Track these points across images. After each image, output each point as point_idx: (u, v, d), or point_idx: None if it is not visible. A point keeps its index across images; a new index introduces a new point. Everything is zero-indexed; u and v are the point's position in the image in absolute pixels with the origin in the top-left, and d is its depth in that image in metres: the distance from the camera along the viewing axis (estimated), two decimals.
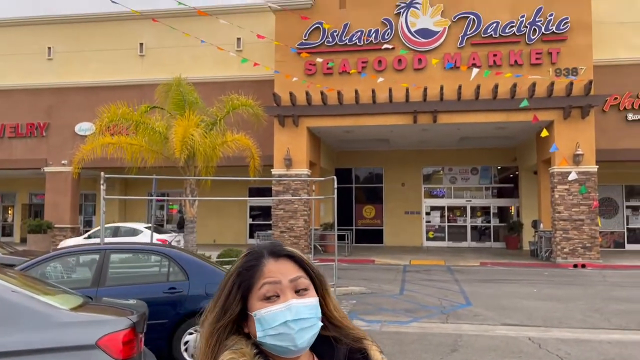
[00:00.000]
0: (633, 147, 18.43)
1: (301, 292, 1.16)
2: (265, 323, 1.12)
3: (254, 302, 1.15)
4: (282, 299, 1.14)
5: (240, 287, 1.16)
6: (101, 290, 5.91)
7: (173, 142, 11.05)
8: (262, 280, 1.15)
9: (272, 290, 1.14)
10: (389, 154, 24.71)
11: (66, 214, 22.17)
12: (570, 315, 9.32)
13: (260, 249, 1.21)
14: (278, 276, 1.15)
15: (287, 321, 1.11)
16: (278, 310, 1.12)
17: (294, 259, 1.19)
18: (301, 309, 1.13)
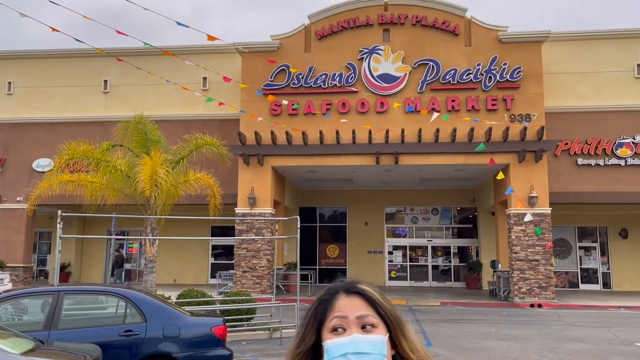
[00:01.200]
0: (583, 190, 19.25)
1: (368, 328, 1.22)
2: (330, 353, 1.20)
3: (325, 333, 1.24)
4: (347, 332, 1.21)
5: (315, 318, 1.26)
6: (53, 333, 5.74)
7: (139, 181, 10.95)
8: (332, 314, 1.24)
9: (339, 323, 1.22)
10: (353, 193, 25.02)
11: (19, 253, 21.33)
12: (527, 356, 9.51)
13: (337, 286, 1.30)
14: (346, 311, 1.23)
15: (347, 353, 1.18)
16: (340, 342, 1.20)
17: (365, 297, 1.26)
18: (362, 344, 1.19)
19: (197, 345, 6.41)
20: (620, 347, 10.34)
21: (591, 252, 23.88)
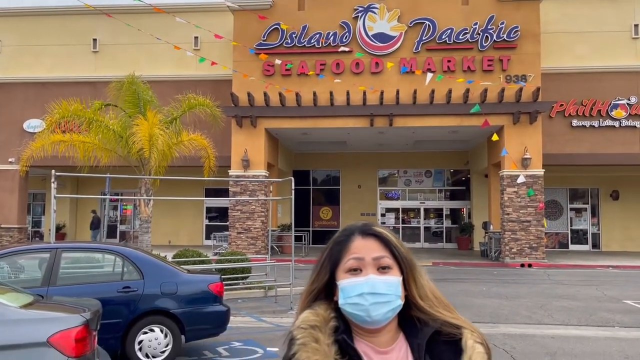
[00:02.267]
0: (577, 152, 19.34)
1: (383, 269, 1.25)
2: (345, 292, 1.23)
3: (341, 273, 1.26)
4: (364, 273, 1.24)
5: (330, 259, 1.29)
6: (52, 289, 5.78)
7: (137, 142, 10.84)
8: (348, 255, 1.26)
9: (355, 264, 1.25)
10: (346, 156, 25.00)
11: (13, 214, 21.30)
12: (517, 312, 9.72)
13: (352, 227, 1.32)
14: (362, 253, 1.25)
15: (363, 293, 1.21)
16: (357, 282, 1.22)
17: (381, 238, 1.28)
18: (378, 284, 1.22)
19: (194, 302, 6.48)
20: (607, 304, 10.59)
21: (582, 213, 24.19)
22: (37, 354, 3.41)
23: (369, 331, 1.25)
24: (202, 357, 6.73)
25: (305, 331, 1.21)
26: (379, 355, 1.24)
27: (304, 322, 1.23)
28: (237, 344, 7.28)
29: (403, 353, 1.25)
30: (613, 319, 9.17)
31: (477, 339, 1.25)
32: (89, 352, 3.69)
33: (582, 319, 9.17)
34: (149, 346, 6.09)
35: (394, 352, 1.25)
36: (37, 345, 3.43)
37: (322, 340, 1.20)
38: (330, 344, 1.20)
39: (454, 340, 1.24)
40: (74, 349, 3.52)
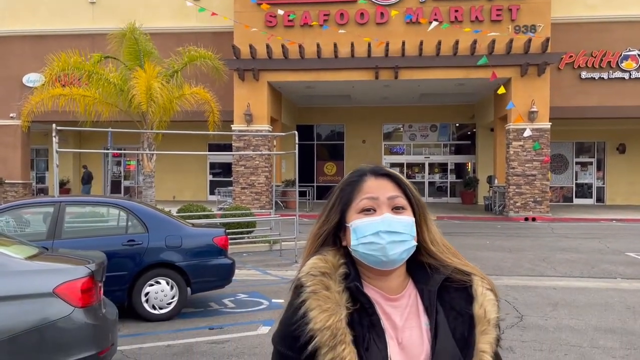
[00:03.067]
0: (585, 105, 19.04)
1: (398, 209, 1.20)
2: (359, 232, 1.18)
3: (352, 215, 1.21)
4: (378, 212, 1.19)
5: (341, 200, 1.23)
6: (57, 242, 5.80)
7: (134, 95, 10.65)
8: (361, 195, 1.21)
9: (369, 204, 1.20)
10: (351, 110, 24.71)
11: (17, 170, 21.35)
12: (520, 265, 9.78)
13: (364, 168, 1.27)
14: (376, 192, 1.20)
15: (380, 231, 1.16)
16: (372, 221, 1.18)
17: (394, 179, 1.24)
18: (394, 223, 1.17)
19: (199, 255, 6.51)
20: (610, 256, 10.64)
21: (587, 167, 24.07)
22: (44, 304, 3.43)
23: (380, 274, 1.21)
24: (209, 308, 6.82)
25: (315, 278, 1.16)
26: (388, 302, 1.20)
27: (313, 269, 1.18)
28: (243, 295, 7.38)
29: (412, 300, 1.22)
30: (615, 270, 9.22)
31: (486, 285, 1.23)
32: (95, 302, 3.70)
33: (584, 271, 9.23)
34: (155, 298, 6.16)
35: (404, 299, 1.21)
36: (43, 295, 3.44)
37: (332, 287, 1.15)
38: (341, 291, 1.16)
39: (464, 287, 1.22)
40: (80, 299, 3.53)
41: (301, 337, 1.11)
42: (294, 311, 1.15)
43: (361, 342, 1.11)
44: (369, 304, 1.16)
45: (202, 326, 5.98)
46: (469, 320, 1.19)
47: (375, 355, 1.12)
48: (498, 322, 1.21)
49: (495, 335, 1.19)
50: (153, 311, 6.15)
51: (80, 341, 3.50)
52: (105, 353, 3.69)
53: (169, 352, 5.04)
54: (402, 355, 1.15)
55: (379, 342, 1.13)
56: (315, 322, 1.11)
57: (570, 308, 6.70)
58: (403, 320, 1.19)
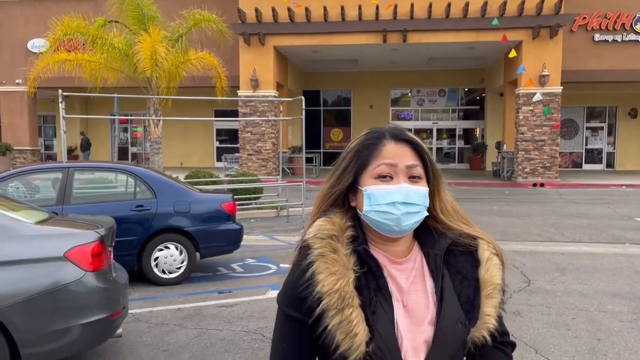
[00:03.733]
0: (597, 68, 18.67)
1: (414, 179, 1.17)
2: (374, 199, 1.15)
3: (367, 179, 1.17)
4: (395, 181, 1.16)
5: (357, 162, 1.19)
6: (67, 208, 5.83)
7: (140, 60, 10.52)
8: (379, 160, 1.17)
9: (387, 170, 1.16)
10: (358, 75, 24.39)
11: (24, 136, 21.41)
12: (528, 230, 9.77)
13: (383, 130, 1.21)
14: (396, 159, 1.16)
15: (396, 202, 1.13)
16: (389, 190, 1.14)
17: (414, 146, 1.19)
18: (412, 194, 1.14)
19: (207, 220, 6.53)
20: (619, 222, 10.60)
21: (598, 132, 23.79)
22: (55, 268, 3.45)
23: (387, 240, 1.19)
24: (217, 273, 6.89)
25: (323, 241, 1.14)
26: (394, 265, 1.19)
27: (321, 231, 1.16)
28: (251, 260, 7.44)
29: (418, 263, 1.21)
30: (624, 236, 9.19)
31: (492, 250, 1.23)
32: (106, 266, 3.73)
33: (593, 236, 9.20)
34: (164, 263, 6.22)
35: (409, 263, 1.21)
36: (54, 259, 3.46)
37: (340, 250, 1.14)
38: (349, 254, 1.14)
39: (470, 251, 1.22)
40: (91, 263, 3.56)
41: (308, 299, 1.11)
42: (300, 273, 1.14)
43: (368, 305, 1.11)
44: (377, 267, 1.15)
45: (211, 290, 6.05)
46: (474, 284, 1.19)
47: (382, 318, 1.12)
48: (503, 287, 1.21)
49: (499, 299, 1.20)
50: (163, 275, 6.22)
51: (92, 304, 3.54)
52: (116, 316, 3.74)
53: (179, 315, 5.11)
54: (408, 318, 1.15)
55: (385, 305, 1.13)
56: (323, 284, 1.10)
57: (578, 273, 6.70)
58: (409, 283, 1.18)
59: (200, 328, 4.75)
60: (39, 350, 3.34)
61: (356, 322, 1.08)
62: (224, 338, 4.49)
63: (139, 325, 4.84)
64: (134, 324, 4.84)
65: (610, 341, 4.42)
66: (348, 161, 1.21)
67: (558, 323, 4.85)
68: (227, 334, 4.58)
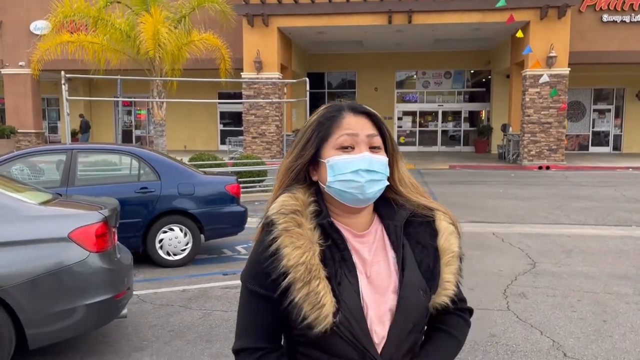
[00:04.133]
0: (605, 50, 18.41)
1: (375, 149, 1.20)
2: (337, 169, 1.17)
3: (329, 150, 1.19)
4: (357, 150, 1.18)
5: (318, 134, 1.21)
6: (71, 189, 5.82)
7: (142, 41, 10.43)
8: (340, 130, 1.19)
9: (349, 141, 1.18)
10: (363, 57, 24.16)
11: (29, 119, 21.39)
12: (533, 213, 9.72)
13: (342, 104, 1.24)
14: (356, 129, 1.19)
15: (359, 170, 1.16)
16: (352, 158, 1.17)
17: (372, 117, 1.22)
18: (374, 162, 1.18)
19: (212, 202, 6.51)
20: (625, 205, 10.53)
21: (605, 114, 23.55)
22: (59, 249, 3.44)
23: (349, 212, 1.22)
24: (222, 254, 6.90)
25: (287, 216, 1.16)
26: (356, 238, 1.22)
27: (284, 207, 1.17)
28: None
29: (379, 235, 1.25)
30: (631, 218, 9.13)
31: (449, 220, 1.28)
32: (110, 247, 3.72)
33: (599, 218, 9.15)
34: (169, 244, 6.23)
35: (370, 235, 1.24)
36: (58, 240, 3.45)
37: (304, 224, 1.16)
38: (313, 228, 1.17)
39: (428, 222, 1.27)
40: (95, 244, 3.55)
41: (273, 274, 1.13)
42: (264, 248, 1.15)
43: (334, 277, 1.14)
44: (341, 239, 1.18)
45: (216, 272, 6.06)
46: (433, 253, 1.24)
47: (347, 289, 1.14)
48: (461, 255, 1.27)
49: (457, 266, 1.25)
50: (167, 257, 6.23)
51: (96, 285, 3.53)
52: (121, 296, 3.74)
53: (184, 297, 5.12)
54: (371, 288, 1.18)
55: (350, 277, 1.16)
56: (289, 258, 1.11)
57: (584, 255, 6.67)
58: (371, 255, 1.21)
59: (205, 309, 4.76)
60: (44, 330, 3.34)
61: (323, 293, 1.10)
62: (228, 319, 4.50)
63: (144, 306, 4.85)
64: (139, 305, 4.85)
65: (616, 322, 4.40)
66: (309, 134, 1.22)
67: (563, 305, 4.84)
68: (232, 315, 4.59)
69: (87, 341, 4.05)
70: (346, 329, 1.12)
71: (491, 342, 3.99)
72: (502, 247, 7.14)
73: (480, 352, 3.82)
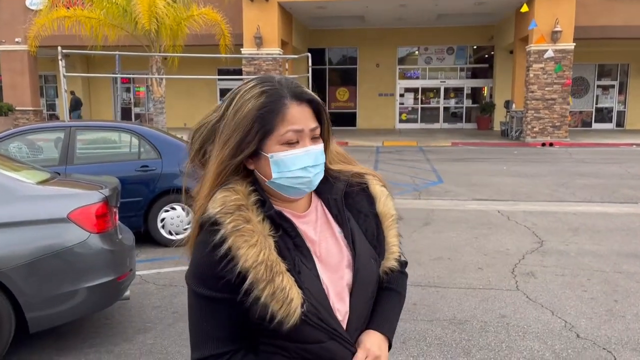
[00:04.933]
0: (610, 24, 18.09)
1: (315, 139, 1.16)
2: (283, 166, 1.12)
3: (272, 145, 1.12)
4: (301, 144, 1.13)
5: (260, 129, 1.11)
6: (70, 168, 5.71)
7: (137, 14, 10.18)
8: (285, 126, 1.11)
9: (294, 137, 1.12)
10: (364, 32, 23.77)
11: (26, 96, 21.14)
12: (538, 190, 9.62)
13: (281, 89, 1.13)
14: (301, 124, 1.12)
15: (307, 166, 1.13)
16: (299, 154, 1.12)
17: (314, 104, 1.16)
18: (318, 155, 1.15)
19: None
20: (630, 181, 10.44)
21: (609, 90, 23.29)
22: (58, 230, 3.34)
23: (291, 200, 1.18)
24: None
25: (233, 214, 1.08)
26: (299, 219, 1.18)
27: (226, 204, 1.09)
28: None
29: (320, 212, 1.22)
30: (636, 195, 9.04)
31: (379, 182, 1.29)
32: (111, 228, 3.62)
33: (604, 196, 9.06)
34: (171, 224, 6.14)
35: (312, 214, 1.21)
36: (57, 221, 3.35)
37: (253, 219, 1.10)
38: (262, 220, 1.11)
39: (363, 189, 1.26)
40: (95, 225, 3.45)
41: (227, 277, 1.07)
42: (212, 249, 1.08)
43: (293, 268, 1.11)
44: (291, 227, 1.15)
45: None
46: (375, 219, 1.25)
47: (308, 276, 1.12)
48: (398, 216, 1.28)
49: (397, 228, 1.27)
50: (170, 237, 6.14)
51: (98, 267, 3.44)
52: (124, 278, 3.65)
53: None
54: (324, 267, 1.16)
55: (307, 263, 1.13)
56: (245, 259, 1.06)
57: (591, 233, 6.59)
58: (317, 233, 1.19)
59: None
60: (44, 313, 3.26)
61: (289, 287, 1.07)
62: None
63: (146, 286, 4.78)
64: (142, 286, 4.78)
65: (628, 302, 4.33)
66: (248, 127, 1.11)
67: (573, 284, 4.76)
68: None
69: (89, 323, 3.98)
70: (314, 315, 1.09)
71: (502, 323, 3.92)
72: (508, 225, 7.05)
73: (491, 334, 3.75)
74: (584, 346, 3.56)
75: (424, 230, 6.82)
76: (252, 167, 1.16)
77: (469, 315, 4.06)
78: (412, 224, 7.06)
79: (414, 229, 6.81)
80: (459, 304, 4.29)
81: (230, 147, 1.11)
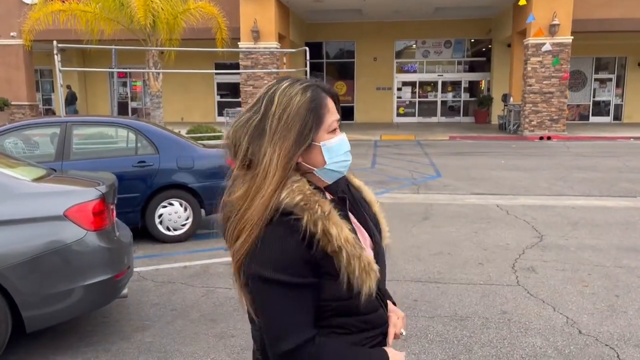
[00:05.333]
0: (608, 17, 18.04)
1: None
2: (333, 152, 1.21)
3: (323, 134, 1.20)
4: (337, 132, 1.24)
5: (316, 120, 1.19)
6: (66, 164, 5.65)
7: (132, 8, 10.07)
8: (330, 115, 1.21)
9: (337, 125, 1.23)
10: (362, 26, 23.67)
11: (22, 91, 20.99)
12: (536, 184, 9.60)
13: (320, 84, 1.24)
14: (337, 115, 1.24)
15: (348, 151, 1.24)
16: (342, 140, 1.23)
17: (336, 98, 1.26)
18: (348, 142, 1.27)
19: (212, 176, 6.34)
20: (628, 175, 10.43)
21: (606, 84, 23.28)
22: (54, 228, 3.29)
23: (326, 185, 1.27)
24: None
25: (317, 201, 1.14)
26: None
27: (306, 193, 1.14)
28: None
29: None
30: (635, 189, 9.03)
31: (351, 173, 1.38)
32: (108, 225, 3.57)
33: (603, 189, 9.04)
34: (169, 220, 6.09)
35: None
36: (53, 219, 3.30)
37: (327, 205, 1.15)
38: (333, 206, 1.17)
39: (347, 183, 1.35)
40: (92, 222, 3.40)
41: (317, 260, 1.12)
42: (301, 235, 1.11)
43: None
44: (345, 210, 1.24)
45: (217, 247, 5.93)
46: (368, 205, 1.38)
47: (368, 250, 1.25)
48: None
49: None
50: (167, 233, 6.10)
51: (95, 265, 3.40)
52: (121, 276, 3.61)
53: (185, 274, 5.01)
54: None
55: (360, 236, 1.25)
56: (336, 238, 1.12)
57: (590, 227, 6.57)
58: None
59: (207, 286, 4.65)
60: (41, 312, 3.22)
61: (372, 260, 1.18)
62: (232, 297, 4.39)
63: (144, 283, 4.74)
64: (140, 283, 4.74)
65: (629, 298, 4.31)
66: (306, 120, 1.17)
67: (574, 279, 4.74)
68: (236, 293, 4.48)
69: (86, 322, 3.94)
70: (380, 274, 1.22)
71: (503, 319, 3.89)
72: (507, 219, 7.03)
73: (492, 330, 3.72)
74: (586, 342, 3.54)
75: (423, 225, 6.79)
76: (300, 159, 1.19)
77: (470, 312, 4.03)
78: (411, 219, 7.03)
79: (413, 224, 6.78)
80: (459, 300, 4.27)
81: (292, 138, 1.16)
